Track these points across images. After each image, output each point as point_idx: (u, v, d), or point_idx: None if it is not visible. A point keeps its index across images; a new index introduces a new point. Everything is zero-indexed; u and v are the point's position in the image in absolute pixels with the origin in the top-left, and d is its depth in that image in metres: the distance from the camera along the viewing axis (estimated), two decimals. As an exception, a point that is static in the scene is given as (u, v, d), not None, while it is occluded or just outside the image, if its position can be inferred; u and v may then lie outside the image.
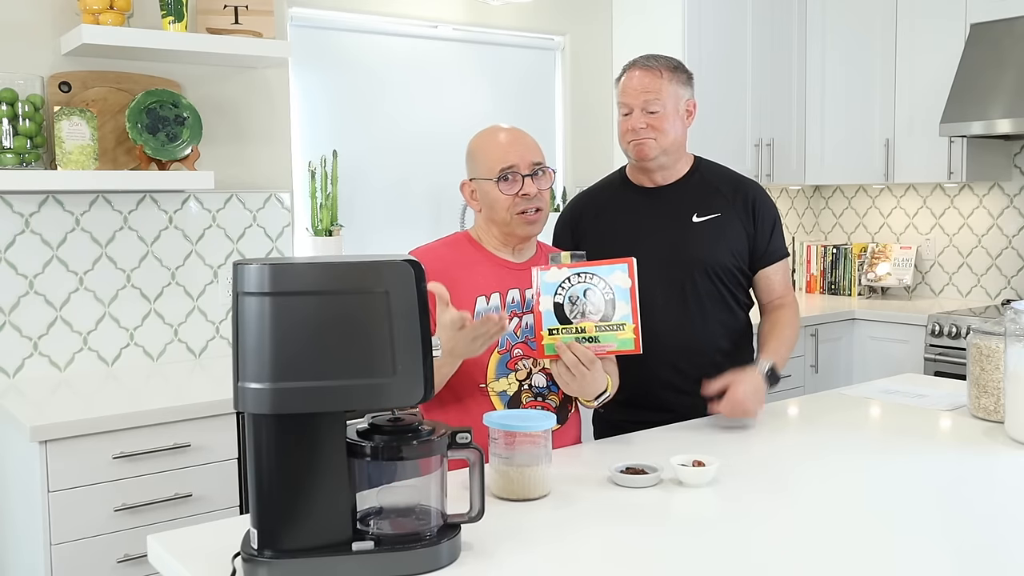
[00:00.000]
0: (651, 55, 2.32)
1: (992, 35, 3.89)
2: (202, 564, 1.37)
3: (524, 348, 2.00)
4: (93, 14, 2.73)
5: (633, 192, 2.38)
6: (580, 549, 1.43)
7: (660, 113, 2.25)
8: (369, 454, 1.32)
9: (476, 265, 2.01)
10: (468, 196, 2.06)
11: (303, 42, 3.42)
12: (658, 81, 2.25)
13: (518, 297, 2.01)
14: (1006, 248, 4.32)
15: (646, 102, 2.24)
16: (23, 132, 2.66)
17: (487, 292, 1.98)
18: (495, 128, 2.07)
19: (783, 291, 2.38)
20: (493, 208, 1.99)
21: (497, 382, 1.97)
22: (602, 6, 4.18)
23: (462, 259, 2.01)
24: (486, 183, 1.99)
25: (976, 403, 2.18)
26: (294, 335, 1.27)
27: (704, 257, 2.29)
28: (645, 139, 2.26)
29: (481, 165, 2.01)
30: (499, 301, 1.99)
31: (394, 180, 3.68)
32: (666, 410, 2.26)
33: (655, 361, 2.26)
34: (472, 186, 2.04)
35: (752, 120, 4.21)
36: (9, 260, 2.80)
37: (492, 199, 1.98)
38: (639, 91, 2.25)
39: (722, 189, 2.35)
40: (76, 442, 2.31)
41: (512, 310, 1.99)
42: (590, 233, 2.36)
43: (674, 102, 2.26)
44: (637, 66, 2.29)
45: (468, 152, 2.06)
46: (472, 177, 2.04)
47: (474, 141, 2.07)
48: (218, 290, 3.16)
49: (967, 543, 1.47)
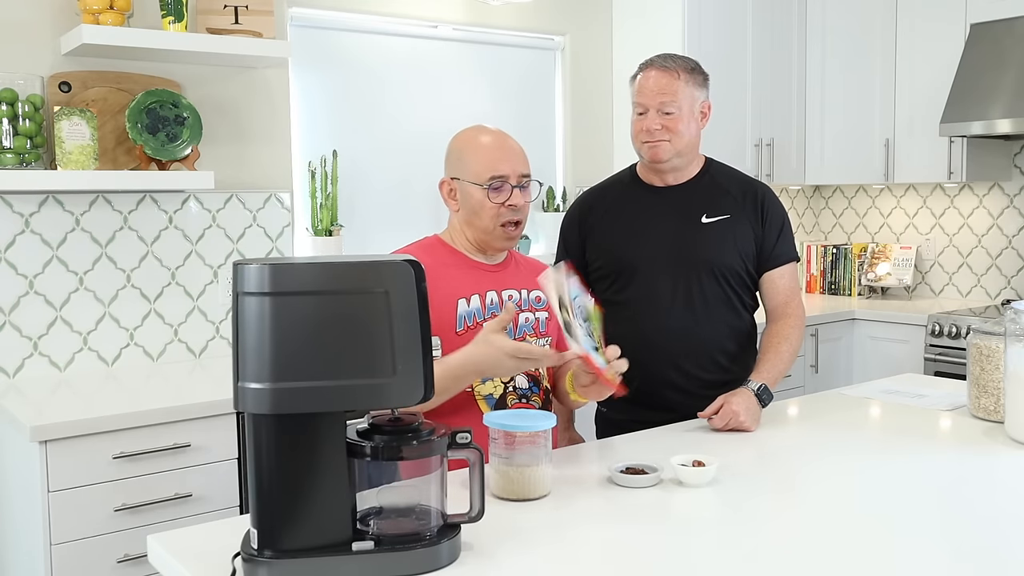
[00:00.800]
0: (669, 55, 2.30)
1: (992, 35, 3.89)
2: (202, 564, 1.37)
3: None
4: (93, 14, 2.73)
5: (643, 190, 2.38)
6: (580, 549, 1.43)
7: (675, 115, 2.24)
8: (369, 454, 1.32)
9: (453, 268, 1.98)
10: (446, 194, 2.02)
11: (303, 42, 3.42)
12: (675, 83, 2.24)
13: (495, 299, 1.99)
14: (1006, 248, 4.32)
15: (662, 103, 2.23)
16: (23, 132, 2.66)
17: (467, 295, 1.96)
18: (481, 129, 2.03)
19: (787, 297, 2.34)
20: (477, 214, 1.97)
21: (483, 385, 1.95)
22: (602, 6, 4.18)
23: (439, 263, 1.96)
24: (472, 187, 1.96)
25: (976, 403, 2.18)
26: (294, 335, 1.27)
27: (712, 258, 2.29)
28: (659, 141, 2.25)
29: (468, 167, 1.98)
30: (479, 303, 1.97)
31: (394, 180, 3.68)
32: (669, 410, 2.26)
33: (660, 361, 2.27)
34: (453, 185, 2.00)
35: (752, 120, 4.21)
36: (9, 260, 2.80)
37: (477, 204, 1.96)
38: (655, 92, 2.24)
39: (732, 191, 2.35)
40: (76, 442, 2.31)
41: (492, 312, 1.98)
42: (598, 229, 2.37)
43: (689, 104, 2.25)
44: (654, 66, 2.27)
45: (453, 150, 2.02)
46: (455, 176, 2.00)
47: (460, 140, 2.03)
48: (218, 290, 3.16)
49: (967, 543, 1.47)
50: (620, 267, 2.32)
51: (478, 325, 1.94)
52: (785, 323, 2.31)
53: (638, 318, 2.29)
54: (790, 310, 2.33)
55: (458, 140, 2.03)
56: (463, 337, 1.91)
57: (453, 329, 1.93)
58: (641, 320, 2.29)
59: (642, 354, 2.27)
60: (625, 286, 2.32)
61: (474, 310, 1.96)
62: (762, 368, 2.22)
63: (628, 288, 2.31)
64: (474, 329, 1.93)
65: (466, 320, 1.95)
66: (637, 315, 2.29)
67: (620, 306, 2.29)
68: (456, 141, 2.03)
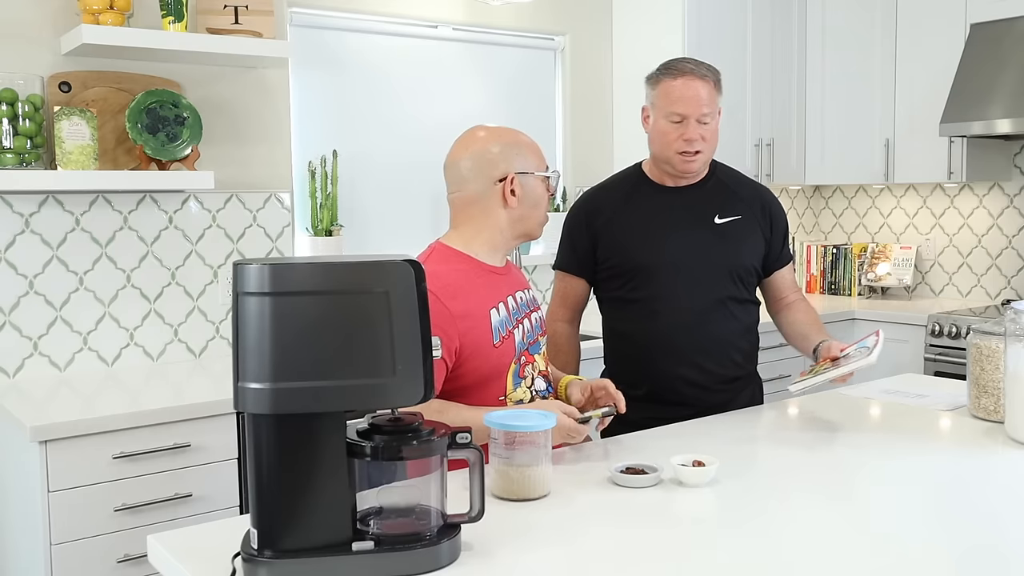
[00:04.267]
0: (695, 60, 2.30)
1: (992, 35, 3.89)
2: (202, 564, 1.37)
3: (526, 354, 1.98)
4: (93, 14, 2.73)
5: (654, 190, 2.38)
6: (580, 549, 1.43)
7: (711, 125, 2.26)
8: (369, 454, 1.32)
9: (475, 278, 1.92)
10: (506, 192, 1.91)
11: (303, 42, 3.42)
12: (713, 92, 2.25)
13: (513, 304, 1.97)
14: (1006, 248, 4.32)
15: (702, 114, 2.23)
16: (23, 132, 2.66)
17: (495, 304, 1.92)
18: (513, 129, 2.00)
19: (796, 289, 2.51)
20: (538, 206, 1.95)
21: (515, 392, 1.94)
22: (602, 6, 4.18)
23: (461, 275, 1.90)
24: (534, 179, 1.94)
25: (976, 403, 2.18)
26: (294, 335, 1.26)
27: (727, 258, 2.33)
28: (698, 153, 2.25)
29: (530, 161, 1.94)
30: (505, 311, 1.94)
31: (394, 180, 3.68)
32: (685, 405, 2.30)
33: (679, 358, 2.31)
34: (520, 181, 1.92)
35: (752, 120, 4.21)
36: (9, 260, 2.80)
37: (537, 197, 1.95)
38: (697, 102, 2.22)
39: (740, 192, 2.39)
40: (76, 442, 2.31)
41: (516, 318, 1.97)
42: (610, 229, 2.37)
43: (717, 112, 2.29)
44: (690, 73, 2.24)
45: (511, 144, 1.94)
46: (522, 172, 1.92)
47: (515, 136, 1.97)
48: (218, 290, 3.16)
49: (967, 543, 1.47)
50: (636, 266, 2.33)
51: (510, 334, 1.93)
52: (803, 303, 2.47)
53: (655, 316, 2.31)
54: (800, 296, 2.51)
55: (514, 135, 1.96)
56: (499, 350, 1.89)
57: (491, 343, 1.88)
58: (658, 318, 2.31)
59: (658, 351, 2.31)
60: (641, 285, 2.33)
61: (503, 319, 1.92)
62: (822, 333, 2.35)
63: (644, 287, 2.32)
64: (508, 339, 1.92)
65: (500, 331, 1.91)
66: (654, 313, 2.31)
67: (636, 304, 2.33)
68: (512, 135, 1.96)
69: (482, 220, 1.94)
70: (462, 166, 1.94)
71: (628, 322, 2.37)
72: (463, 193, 1.95)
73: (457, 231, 1.97)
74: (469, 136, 1.97)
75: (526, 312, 2.01)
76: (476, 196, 1.93)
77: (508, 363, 1.91)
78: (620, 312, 2.38)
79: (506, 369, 1.91)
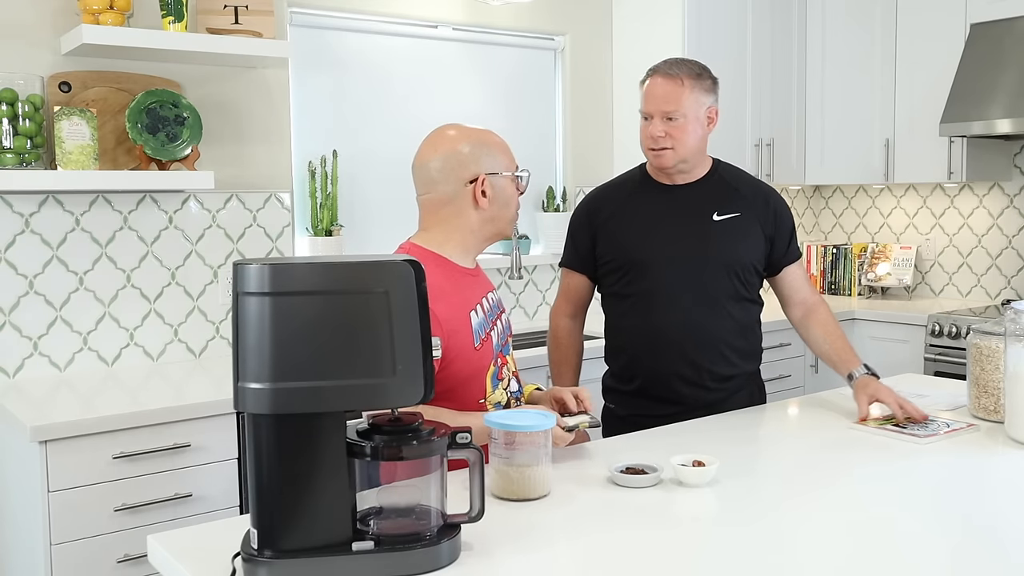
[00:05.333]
0: (676, 60, 2.32)
1: (992, 35, 3.89)
2: (202, 564, 1.37)
3: (500, 356, 1.99)
4: (93, 14, 2.73)
5: (654, 189, 2.40)
6: (580, 549, 1.43)
7: (679, 122, 2.26)
8: (369, 454, 1.32)
9: (453, 280, 1.90)
10: (477, 193, 1.90)
11: (303, 42, 3.42)
12: (678, 89, 2.25)
13: (487, 305, 1.97)
14: (1006, 248, 4.32)
15: (666, 111, 2.25)
16: (23, 132, 2.66)
17: (473, 306, 1.92)
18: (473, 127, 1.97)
19: (809, 285, 2.47)
20: (508, 206, 1.95)
21: (493, 394, 1.95)
22: (602, 6, 4.18)
23: (441, 278, 1.87)
24: (504, 179, 1.93)
25: (976, 403, 2.18)
26: (294, 335, 1.27)
27: (724, 254, 2.32)
28: (664, 149, 2.28)
29: (499, 160, 1.92)
30: (482, 313, 1.94)
31: (394, 180, 3.67)
32: (677, 403, 2.30)
33: (671, 354, 2.31)
34: (491, 182, 1.91)
35: (752, 120, 4.21)
36: (9, 260, 2.80)
37: (508, 197, 1.94)
38: (659, 99, 2.26)
39: (741, 190, 2.39)
40: (76, 442, 2.31)
41: (491, 319, 1.97)
42: (609, 226, 2.39)
43: (695, 110, 2.27)
44: (659, 73, 2.29)
45: (480, 144, 1.91)
46: (492, 172, 1.91)
47: (484, 135, 1.94)
48: (218, 290, 3.16)
49: (966, 543, 1.47)
50: (632, 262, 2.34)
51: (488, 336, 1.94)
52: (823, 309, 2.41)
53: (650, 311, 2.32)
54: (817, 297, 2.46)
55: (481, 135, 1.94)
56: (480, 352, 1.90)
57: (472, 346, 1.88)
58: (653, 313, 2.32)
59: (653, 347, 2.32)
60: (636, 280, 2.34)
61: (481, 321, 1.93)
62: (850, 355, 2.32)
63: (639, 282, 2.33)
64: (486, 341, 1.92)
65: (479, 334, 1.91)
66: (649, 309, 2.32)
67: (631, 299, 2.35)
68: (480, 135, 1.94)
69: (454, 222, 1.93)
70: (431, 167, 1.92)
71: (625, 317, 2.38)
72: (433, 195, 1.93)
73: (429, 232, 1.96)
74: (438, 136, 1.95)
75: (497, 313, 2.02)
76: (447, 198, 1.91)
77: (487, 365, 1.92)
78: (618, 307, 2.40)
79: (485, 371, 1.92)
